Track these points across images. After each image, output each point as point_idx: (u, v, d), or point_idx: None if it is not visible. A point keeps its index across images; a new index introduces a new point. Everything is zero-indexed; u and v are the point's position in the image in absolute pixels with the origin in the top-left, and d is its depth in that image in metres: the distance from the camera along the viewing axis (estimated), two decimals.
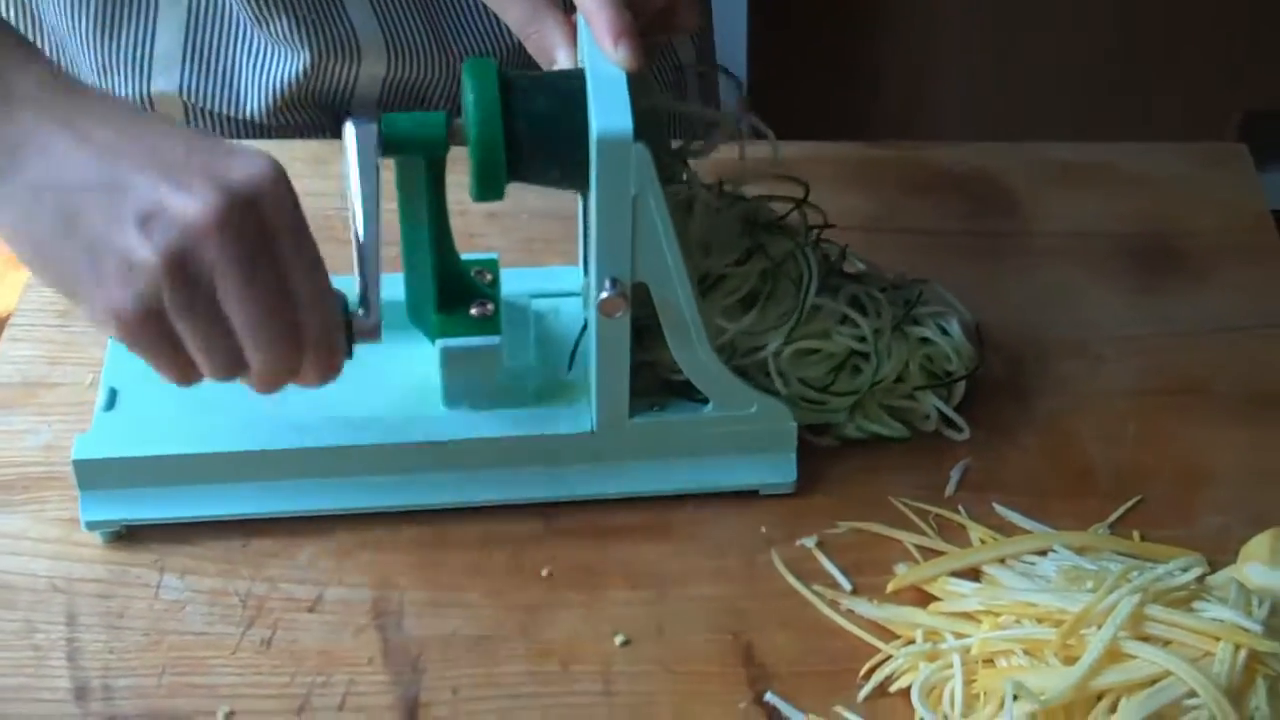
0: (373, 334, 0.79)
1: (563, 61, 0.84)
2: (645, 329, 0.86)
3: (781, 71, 2.12)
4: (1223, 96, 2.12)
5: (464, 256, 0.90)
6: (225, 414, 0.89)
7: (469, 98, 0.80)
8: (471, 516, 0.89)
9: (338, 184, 1.05)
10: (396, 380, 0.91)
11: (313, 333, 0.74)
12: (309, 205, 1.03)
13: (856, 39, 2.09)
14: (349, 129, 0.79)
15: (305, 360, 0.75)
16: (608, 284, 0.81)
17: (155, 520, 0.87)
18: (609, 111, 0.77)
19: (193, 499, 0.87)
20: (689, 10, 0.84)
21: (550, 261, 1.02)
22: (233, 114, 1.12)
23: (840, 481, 0.92)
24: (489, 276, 0.91)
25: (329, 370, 0.76)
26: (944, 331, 0.93)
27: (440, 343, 0.87)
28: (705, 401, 0.88)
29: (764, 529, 0.89)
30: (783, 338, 0.88)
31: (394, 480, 0.88)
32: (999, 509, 0.90)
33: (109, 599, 0.85)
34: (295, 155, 1.07)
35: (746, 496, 0.90)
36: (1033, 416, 0.96)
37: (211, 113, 1.12)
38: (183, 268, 0.69)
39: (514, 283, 0.94)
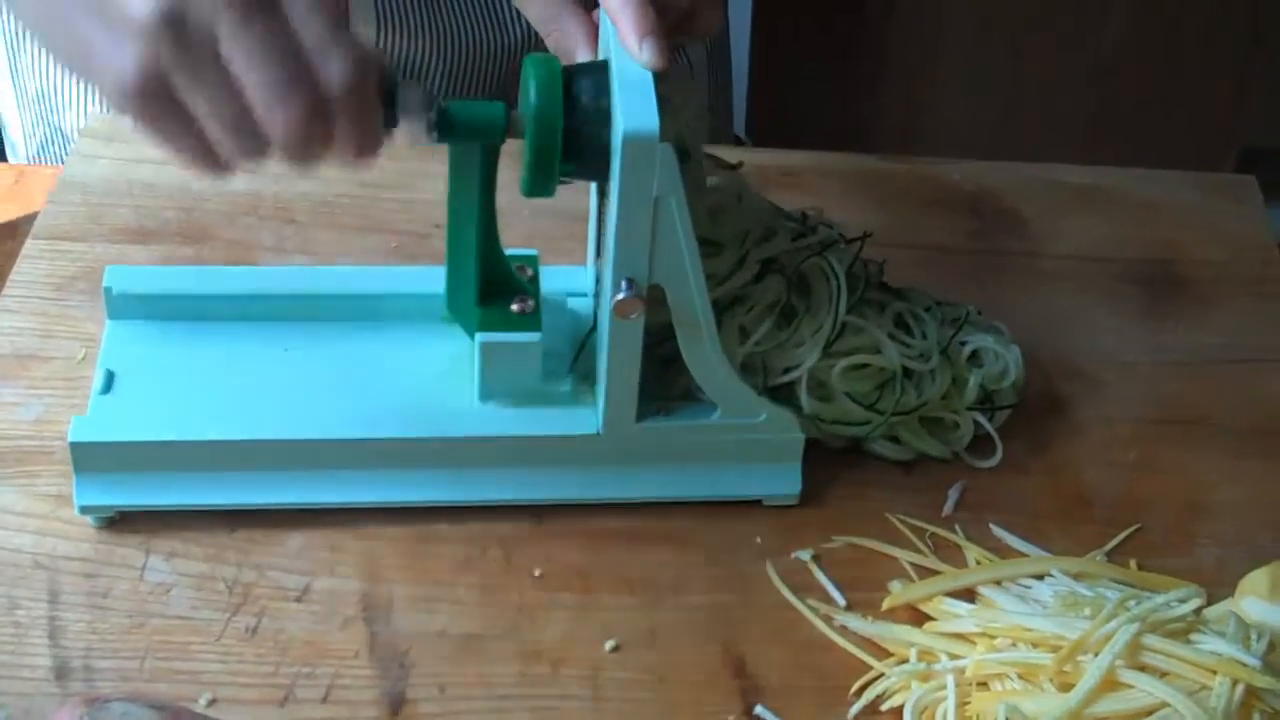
0: (422, 106, 0.75)
1: (582, 60, 0.83)
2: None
3: (784, 80, 2.11)
4: (1221, 132, 2.12)
5: (506, 251, 0.89)
6: (227, 400, 0.88)
7: (531, 87, 0.78)
8: (463, 512, 0.88)
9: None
10: (418, 373, 0.90)
11: (335, 84, 0.68)
12: (313, 190, 1.00)
13: (860, 51, 2.09)
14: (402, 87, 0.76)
15: (337, 126, 0.69)
16: (624, 284, 0.80)
17: (151, 507, 0.86)
18: (635, 110, 0.76)
19: (190, 486, 0.85)
20: (711, 13, 0.84)
21: (549, 260, 1.01)
22: None
23: (837, 495, 0.91)
24: (529, 272, 0.90)
25: (365, 136, 0.70)
26: (998, 356, 0.93)
27: (480, 337, 0.86)
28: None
29: (759, 539, 0.88)
30: (817, 354, 0.87)
31: (393, 475, 0.87)
32: (996, 530, 0.90)
33: (93, 578, 0.84)
34: None
35: (743, 505, 0.90)
36: (1032, 439, 0.95)
37: None
38: (178, 21, 0.66)
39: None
